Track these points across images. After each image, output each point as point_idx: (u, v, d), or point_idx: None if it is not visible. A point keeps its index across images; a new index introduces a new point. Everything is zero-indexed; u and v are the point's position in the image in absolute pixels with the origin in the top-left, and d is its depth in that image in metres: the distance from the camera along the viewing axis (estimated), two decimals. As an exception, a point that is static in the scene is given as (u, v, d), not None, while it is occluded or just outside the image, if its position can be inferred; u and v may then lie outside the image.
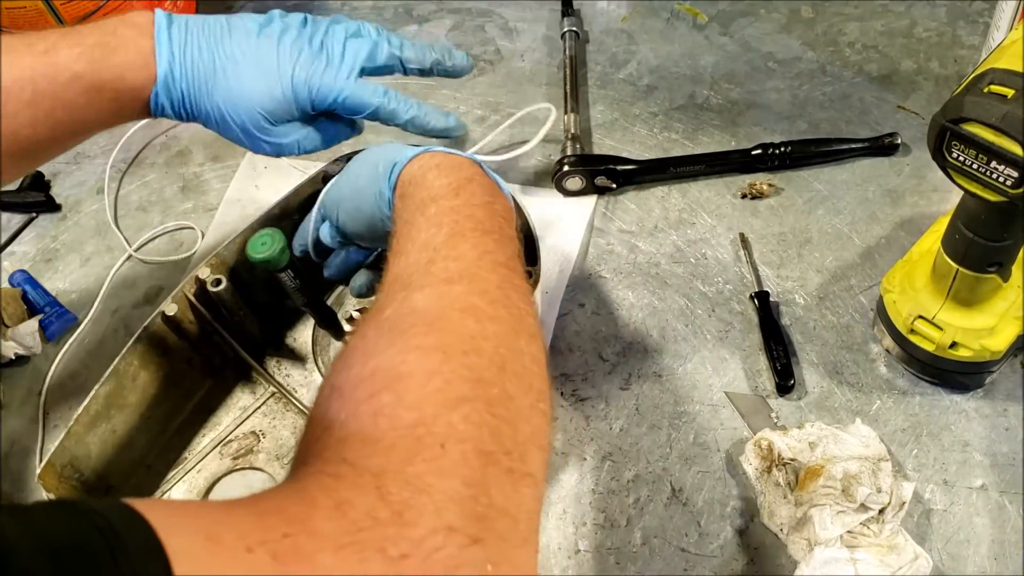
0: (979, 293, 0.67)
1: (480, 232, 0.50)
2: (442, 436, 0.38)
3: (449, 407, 0.40)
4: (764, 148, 0.87)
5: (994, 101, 0.53)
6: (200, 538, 0.31)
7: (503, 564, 0.37)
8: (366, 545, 0.34)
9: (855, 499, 0.64)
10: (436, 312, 0.44)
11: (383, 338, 0.43)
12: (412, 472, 0.37)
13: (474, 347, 0.43)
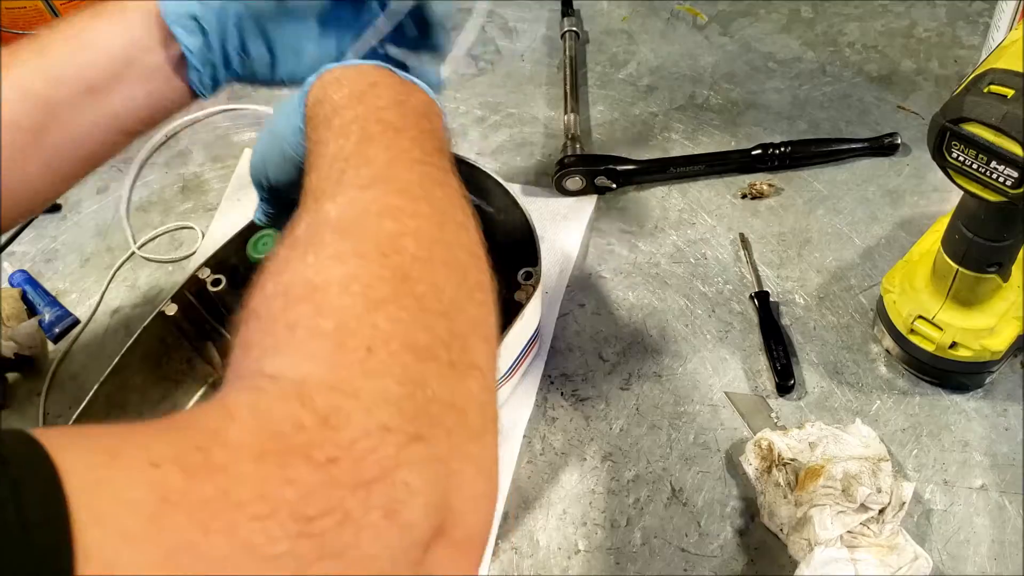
0: (979, 293, 0.67)
1: (392, 132, 0.47)
2: (367, 338, 0.36)
3: (372, 309, 0.37)
4: (764, 148, 0.87)
5: (994, 101, 0.53)
6: (96, 454, 0.28)
7: (454, 459, 0.35)
8: (289, 452, 0.31)
9: (855, 499, 0.64)
10: (350, 218, 0.42)
11: (295, 252, 0.40)
12: (337, 378, 0.35)
13: (394, 247, 0.40)
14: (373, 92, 0.49)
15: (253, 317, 0.39)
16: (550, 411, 0.75)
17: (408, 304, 0.38)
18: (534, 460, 0.73)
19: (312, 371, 0.35)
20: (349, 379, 0.35)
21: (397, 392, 0.35)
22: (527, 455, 0.73)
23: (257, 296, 0.40)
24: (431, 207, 0.44)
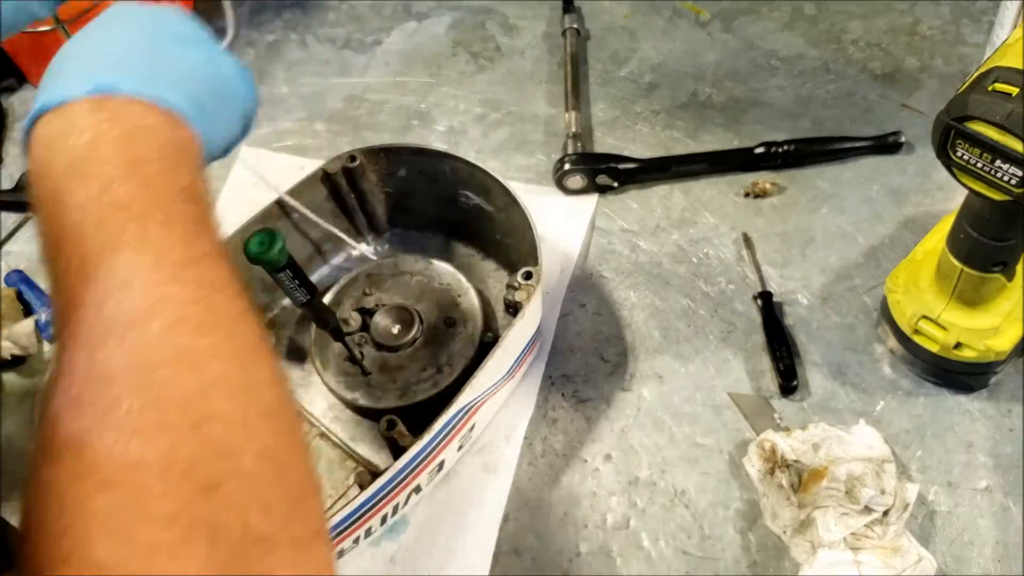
0: (984, 293, 0.67)
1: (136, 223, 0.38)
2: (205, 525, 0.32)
3: (204, 495, 0.33)
4: (767, 147, 0.87)
5: (998, 99, 0.52)
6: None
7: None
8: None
9: (859, 501, 0.64)
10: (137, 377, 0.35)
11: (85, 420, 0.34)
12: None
13: (205, 413, 0.35)
14: (97, 158, 0.39)
15: (53, 498, 0.33)
16: (551, 412, 0.75)
17: (236, 488, 0.33)
18: (535, 462, 0.73)
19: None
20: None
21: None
22: (528, 457, 0.73)
23: (50, 467, 0.33)
24: (225, 333, 0.37)
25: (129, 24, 0.46)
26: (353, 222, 0.83)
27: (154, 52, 0.44)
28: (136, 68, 0.42)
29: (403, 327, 0.74)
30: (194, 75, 0.45)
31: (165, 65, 0.44)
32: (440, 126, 0.96)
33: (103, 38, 0.45)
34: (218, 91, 0.46)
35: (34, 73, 1.05)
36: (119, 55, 0.43)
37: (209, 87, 0.46)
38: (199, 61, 0.46)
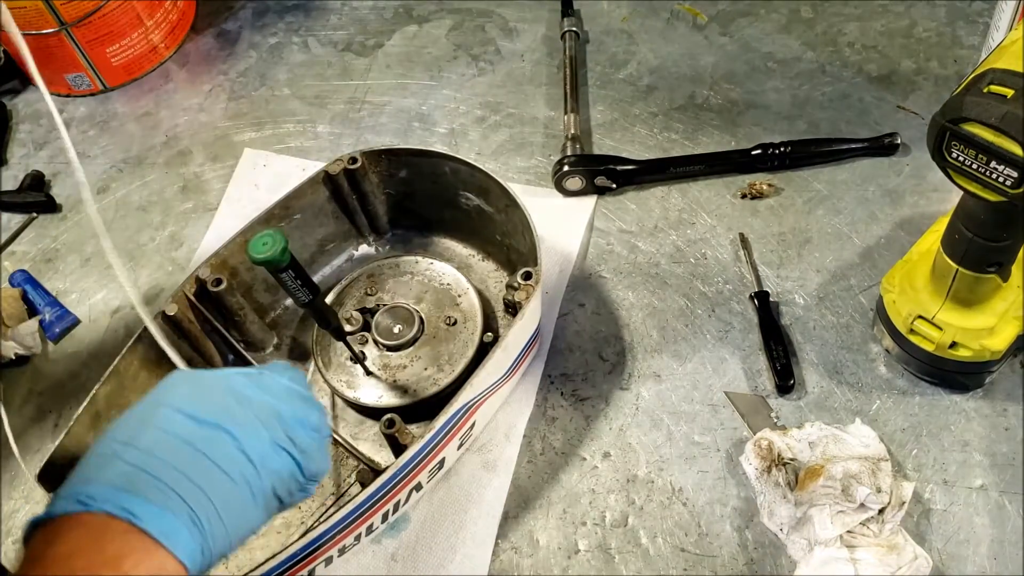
0: (979, 293, 0.67)
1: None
2: None
3: None
4: (764, 148, 0.87)
5: (994, 101, 0.53)
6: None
7: None
8: None
9: (855, 499, 0.64)
10: None
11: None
12: None
13: None
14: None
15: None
16: (550, 411, 0.75)
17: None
18: (534, 460, 0.73)
19: None
20: None
21: None
22: (527, 455, 0.73)
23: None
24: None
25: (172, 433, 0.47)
26: (354, 223, 0.83)
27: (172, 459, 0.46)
28: (145, 486, 0.44)
29: (404, 327, 0.75)
30: (218, 505, 0.46)
31: (182, 483, 0.45)
32: (441, 128, 0.96)
33: (128, 432, 0.47)
34: (235, 515, 0.47)
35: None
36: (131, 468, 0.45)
37: (226, 509, 0.46)
38: (233, 490, 0.47)
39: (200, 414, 0.48)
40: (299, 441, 0.50)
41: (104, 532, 0.43)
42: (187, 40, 1.08)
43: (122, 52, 1.02)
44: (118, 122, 1.02)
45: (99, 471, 0.45)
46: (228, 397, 0.49)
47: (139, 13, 1.01)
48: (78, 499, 0.43)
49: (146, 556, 0.43)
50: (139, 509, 0.43)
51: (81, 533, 0.42)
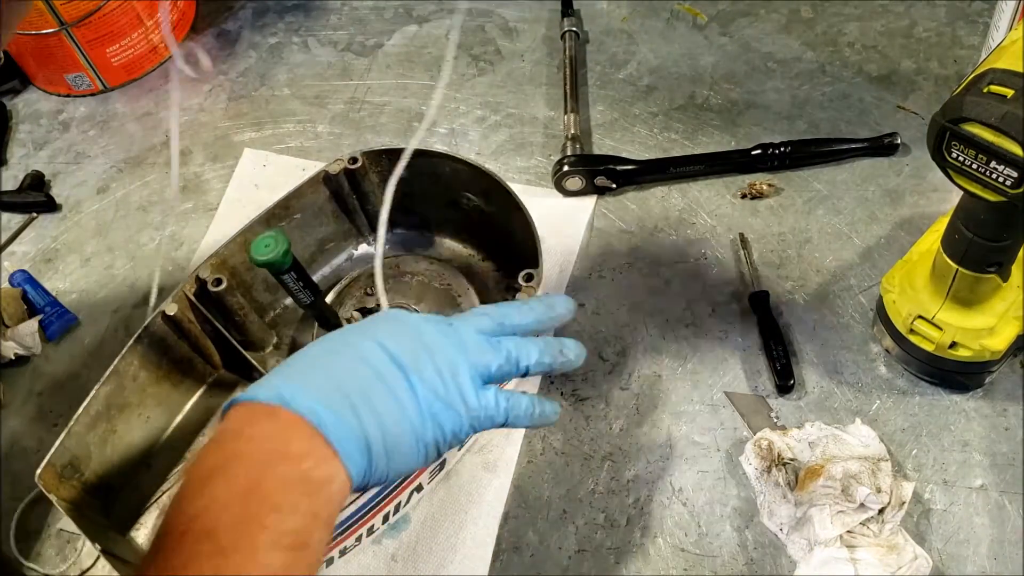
0: (979, 293, 0.67)
1: (216, 557, 0.42)
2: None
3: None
4: (764, 148, 0.87)
5: (994, 101, 0.53)
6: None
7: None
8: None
9: (855, 499, 0.65)
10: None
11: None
12: None
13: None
14: (232, 470, 0.45)
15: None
16: (550, 411, 0.75)
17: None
18: (534, 460, 0.73)
19: None
20: None
21: None
22: (527, 455, 0.73)
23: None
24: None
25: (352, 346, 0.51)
26: (354, 223, 0.83)
27: (349, 381, 0.49)
28: (317, 394, 0.48)
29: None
30: (388, 436, 0.49)
31: (355, 399, 0.48)
32: (441, 128, 0.96)
33: (339, 361, 0.50)
34: (404, 443, 0.50)
35: (38, 75, 1.05)
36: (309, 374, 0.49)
37: (395, 432, 0.49)
38: (402, 430, 0.49)
39: (395, 353, 0.50)
40: (469, 400, 0.52)
41: (295, 430, 0.46)
42: (187, 40, 1.08)
43: (122, 52, 1.02)
44: (118, 122, 1.02)
45: (302, 376, 0.49)
46: (419, 344, 0.51)
47: (139, 13, 1.01)
48: (280, 394, 0.47)
49: (323, 462, 0.46)
50: (328, 421, 0.47)
51: (275, 424, 0.47)
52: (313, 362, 0.50)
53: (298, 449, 0.46)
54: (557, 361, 0.56)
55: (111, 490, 0.71)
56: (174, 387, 0.75)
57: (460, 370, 0.52)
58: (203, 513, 0.43)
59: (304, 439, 0.46)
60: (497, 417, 0.53)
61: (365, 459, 0.48)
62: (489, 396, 0.53)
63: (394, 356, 0.50)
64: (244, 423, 0.47)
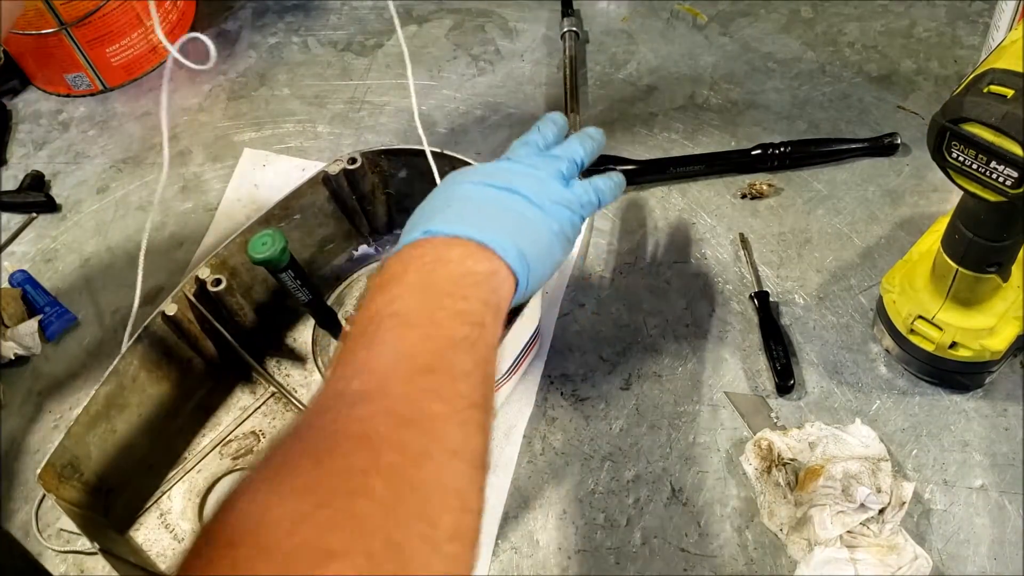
0: (979, 293, 0.67)
1: (401, 329, 0.46)
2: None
3: (317, 564, 0.34)
4: (764, 148, 0.87)
5: (994, 101, 0.53)
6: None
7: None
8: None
9: (855, 499, 0.64)
10: (326, 444, 0.39)
11: (264, 475, 0.38)
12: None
13: (362, 486, 0.37)
14: (397, 280, 0.49)
15: (203, 541, 0.37)
16: (550, 411, 0.75)
17: (359, 563, 0.35)
18: (534, 460, 0.73)
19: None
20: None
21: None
22: (527, 455, 0.73)
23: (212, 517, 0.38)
24: (417, 434, 0.41)
25: (463, 185, 0.57)
26: (354, 223, 0.83)
27: (477, 205, 0.55)
28: (456, 216, 0.53)
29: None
30: (520, 227, 0.54)
31: (488, 215, 0.54)
32: (441, 128, 0.96)
33: (438, 199, 0.56)
34: (541, 241, 0.55)
35: (38, 75, 1.05)
36: (445, 209, 0.54)
37: (532, 237, 0.55)
38: (526, 218, 0.55)
39: (495, 183, 0.56)
40: (568, 197, 0.59)
41: (450, 245, 0.51)
42: (191, 32, 1.08)
43: (122, 52, 1.02)
44: (118, 122, 1.02)
45: (435, 214, 0.53)
46: (511, 173, 0.58)
47: (139, 13, 1.01)
48: (424, 231, 0.52)
49: (485, 259, 0.51)
50: (478, 234, 0.52)
51: (428, 246, 0.51)
52: (435, 208, 0.55)
53: (458, 254, 0.51)
54: (594, 144, 0.64)
55: (111, 490, 0.71)
56: (174, 387, 0.75)
57: (550, 180, 0.58)
58: (386, 306, 0.48)
59: (461, 247, 0.51)
60: (593, 200, 0.60)
61: (524, 264, 0.53)
62: (578, 188, 0.60)
63: (495, 185, 0.56)
64: (408, 253, 0.51)
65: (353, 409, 0.42)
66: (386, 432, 0.40)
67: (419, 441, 0.41)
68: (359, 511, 0.37)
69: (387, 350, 0.45)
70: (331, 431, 0.40)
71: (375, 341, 0.46)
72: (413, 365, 0.45)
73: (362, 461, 0.39)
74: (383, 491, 0.38)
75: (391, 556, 0.36)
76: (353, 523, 0.36)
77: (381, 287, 0.49)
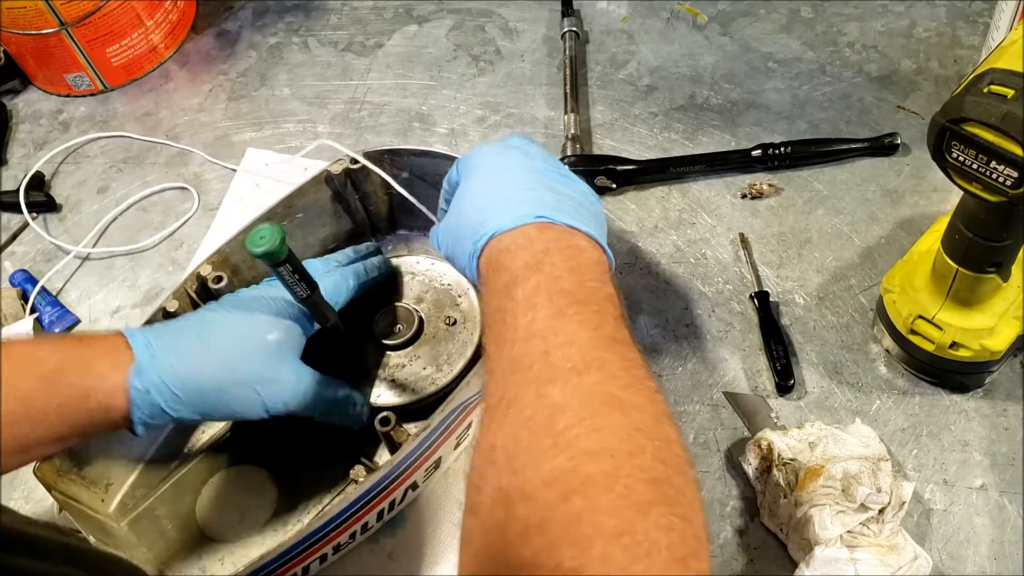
0: (979, 293, 0.67)
1: (577, 305, 0.49)
2: (645, 544, 0.39)
3: (641, 513, 0.40)
4: (764, 148, 0.87)
5: (994, 101, 0.53)
6: None
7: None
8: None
9: (855, 499, 0.64)
10: (580, 409, 0.44)
11: (543, 439, 0.43)
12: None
13: (636, 446, 0.43)
14: (548, 260, 0.52)
15: (520, 498, 0.41)
16: (550, 411, 0.75)
17: (665, 510, 0.40)
18: (534, 460, 0.73)
19: (608, 572, 0.38)
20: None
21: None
22: (527, 455, 0.73)
23: (513, 477, 0.42)
24: (643, 397, 0.46)
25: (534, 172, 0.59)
26: (356, 222, 0.83)
27: (563, 196, 0.58)
28: (561, 207, 0.56)
29: (404, 326, 0.75)
30: (591, 212, 0.58)
31: (577, 207, 0.57)
32: (441, 128, 0.96)
33: (518, 182, 0.58)
34: (600, 223, 0.59)
35: (38, 75, 1.05)
36: (546, 199, 0.57)
37: (596, 219, 0.58)
38: (589, 202, 0.59)
39: (560, 170, 0.61)
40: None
41: (571, 233, 0.55)
42: (187, 40, 1.08)
43: (122, 52, 1.02)
44: (118, 122, 1.02)
45: (537, 203, 0.56)
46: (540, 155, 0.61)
47: (139, 13, 1.01)
48: (535, 215, 0.55)
49: (594, 247, 0.55)
50: (583, 225, 0.55)
51: (552, 232, 0.54)
52: (523, 188, 0.57)
53: (584, 242, 0.55)
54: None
55: (110, 485, 0.71)
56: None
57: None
58: (552, 283, 0.51)
59: (580, 235, 0.55)
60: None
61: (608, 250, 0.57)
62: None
63: (563, 172, 0.60)
64: (536, 235, 0.54)
65: (581, 377, 0.45)
66: (623, 395, 0.45)
67: (646, 402, 0.46)
68: (646, 466, 0.42)
69: (571, 323, 0.48)
70: (576, 400, 0.45)
71: (556, 315, 0.48)
72: (603, 336, 0.48)
73: (621, 422, 0.44)
74: (652, 449, 0.43)
75: (680, 503, 0.42)
76: (647, 476, 0.42)
77: (534, 265, 0.51)
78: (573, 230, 0.55)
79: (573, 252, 0.53)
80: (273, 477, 0.73)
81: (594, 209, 0.59)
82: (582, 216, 0.56)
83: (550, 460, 0.42)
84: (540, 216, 0.54)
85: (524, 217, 0.54)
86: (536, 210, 0.55)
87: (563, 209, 0.56)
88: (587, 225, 0.55)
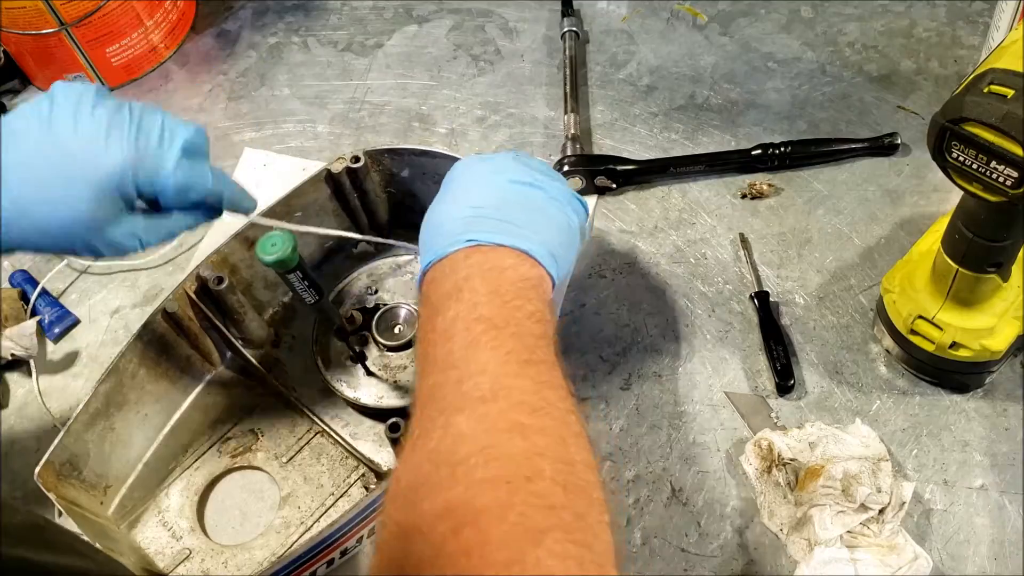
0: (979, 293, 0.67)
1: (494, 331, 0.50)
2: (535, 573, 0.39)
3: (534, 542, 0.40)
4: (764, 148, 0.87)
5: (994, 101, 0.53)
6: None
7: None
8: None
9: (855, 499, 0.64)
10: (483, 437, 0.44)
11: (441, 471, 0.43)
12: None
13: (534, 470, 0.43)
14: (468, 287, 0.52)
15: (414, 532, 0.42)
16: (550, 411, 0.75)
17: (560, 537, 0.41)
18: (534, 460, 0.73)
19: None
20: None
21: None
22: (527, 455, 0.73)
23: (411, 510, 0.43)
24: (551, 420, 0.46)
25: (489, 187, 0.59)
26: (355, 222, 0.83)
27: (509, 210, 0.57)
28: (499, 226, 0.55)
29: (404, 327, 0.75)
30: (549, 229, 0.57)
31: (521, 221, 0.56)
32: (441, 128, 0.96)
33: (467, 201, 0.58)
34: (565, 240, 0.58)
35: (38, 75, 1.05)
36: (486, 217, 0.56)
37: (559, 238, 0.58)
38: (552, 212, 0.58)
39: (519, 179, 0.59)
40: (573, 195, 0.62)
41: (499, 253, 0.54)
42: (187, 40, 1.08)
43: (122, 52, 1.02)
44: (118, 122, 1.02)
45: (471, 225, 0.56)
46: (520, 164, 0.60)
47: (139, 13, 1.01)
48: (466, 239, 0.54)
49: (530, 264, 0.55)
50: (521, 243, 0.55)
51: (479, 255, 0.54)
52: (470, 215, 0.57)
53: (512, 260, 0.54)
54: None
55: (110, 488, 0.71)
56: (172, 384, 0.75)
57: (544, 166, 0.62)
58: (469, 311, 0.51)
59: (503, 256, 0.55)
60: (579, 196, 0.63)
61: (554, 264, 0.56)
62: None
63: (524, 180, 0.59)
64: (463, 262, 0.54)
65: (488, 405, 0.46)
66: (528, 421, 0.45)
67: (555, 424, 0.46)
68: (543, 492, 0.42)
69: (484, 351, 0.49)
70: (480, 429, 0.45)
71: (470, 344, 0.49)
72: (517, 361, 0.49)
73: (522, 447, 0.44)
74: (551, 472, 0.43)
75: (579, 528, 0.42)
76: (543, 503, 0.42)
77: (454, 295, 0.52)
78: (501, 248, 0.54)
79: (494, 274, 0.53)
80: (274, 479, 0.73)
81: (557, 219, 0.58)
82: (523, 231, 0.56)
83: (447, 491, 0.42)
84: (471, 240, 0.54)
85: (454, 244, 0.55)
86: (468, 233, 0.55)
87: (499, 228, 0.55)
88: (522, 240, 0.55)
